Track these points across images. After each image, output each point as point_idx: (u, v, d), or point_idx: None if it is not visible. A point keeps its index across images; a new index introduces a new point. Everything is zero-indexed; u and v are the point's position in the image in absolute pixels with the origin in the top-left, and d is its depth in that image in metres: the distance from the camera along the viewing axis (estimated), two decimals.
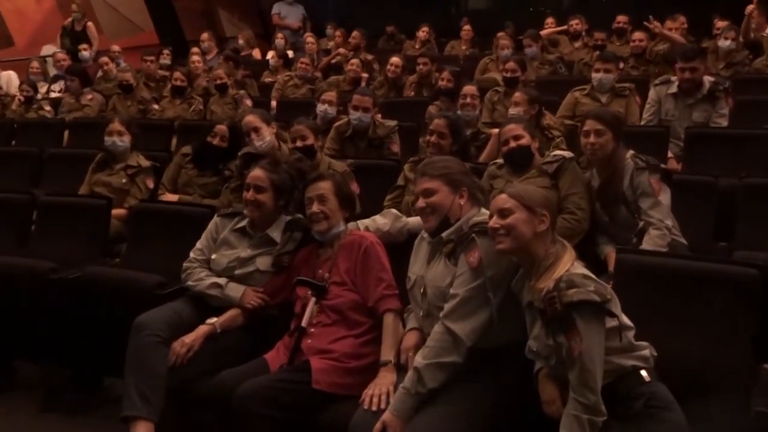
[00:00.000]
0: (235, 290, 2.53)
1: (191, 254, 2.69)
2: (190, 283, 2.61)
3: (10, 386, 3.16)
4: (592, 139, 2.80)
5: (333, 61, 7.29)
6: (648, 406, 1.74)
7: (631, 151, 2.83)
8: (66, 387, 3.07)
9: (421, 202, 2.15)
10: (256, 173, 2.60)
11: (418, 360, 1.96)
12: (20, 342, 3.05)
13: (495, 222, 1.91)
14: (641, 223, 2.72)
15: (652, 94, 4.38)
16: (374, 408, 1.97)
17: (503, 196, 1.94)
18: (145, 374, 2.30)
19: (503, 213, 1.90)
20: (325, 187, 2.45)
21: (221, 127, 3.83)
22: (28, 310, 2.94)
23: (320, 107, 4.49)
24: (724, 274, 2.08)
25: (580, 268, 1.82)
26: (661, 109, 4.25)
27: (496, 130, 4.07)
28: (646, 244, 2.62)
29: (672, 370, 1.87)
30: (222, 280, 2.56)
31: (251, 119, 3.56)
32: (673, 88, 4.19)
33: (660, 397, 1.77)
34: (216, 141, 3.81)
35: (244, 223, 2.67)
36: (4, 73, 7.31)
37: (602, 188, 2.84)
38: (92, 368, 2.98)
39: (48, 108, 6.24)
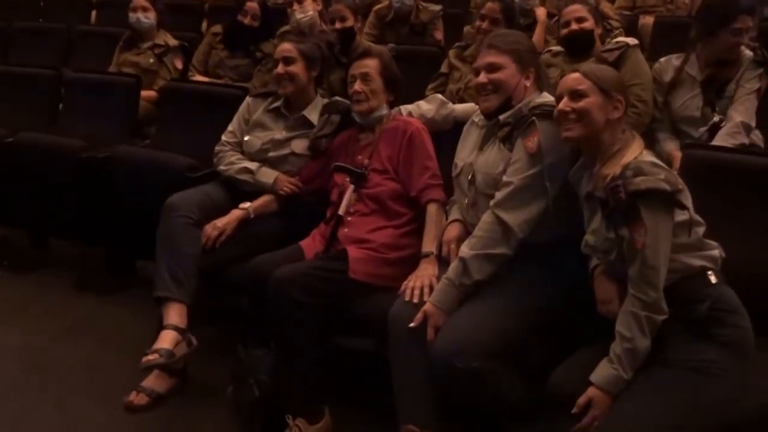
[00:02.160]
0: (267, 176, 2.41)
1: (223, 137, 2.57)
2: (221, 167, 2.50)
3: (44, 263, 3.19)
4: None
5: None
6: (713, 309, 1.60)
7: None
8: (99, 267, 3.06)
9: (483, 77, 1.93)
10: (283, 46, 2.46)
11: (464, 250, 1.84)
12: (53, 220, 3.02)
13: (566, 104, 1.69)
14: (716, 118, 2.48)
15: None
16: (415, 300, 1.87)
17: (576, 75, 1.71)
18: (177, 256, 2.23)
19: (576, 94, 1.68)
20: (370, 65, 2.24)
21: (252, 5, 3.59)
22: (59, 187, 2.89)
23: None
24: None
25: (649, 157, 1.64)
26: None
27: (542, 13, 3.76)
28: (717, 140, 2.40)
29: (740, 274, 1.72)
30: (254, 165, 2.44)
31: None
32: None
33: (726, 300, 1.62)
34: (247, 20, 3.58)
35: (278, 103, 2.52)
36: None
37: (712, 78, 2.54)
38: (124, 249, 2.96)
39: None
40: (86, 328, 2.65)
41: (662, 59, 2.69)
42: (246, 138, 2.51)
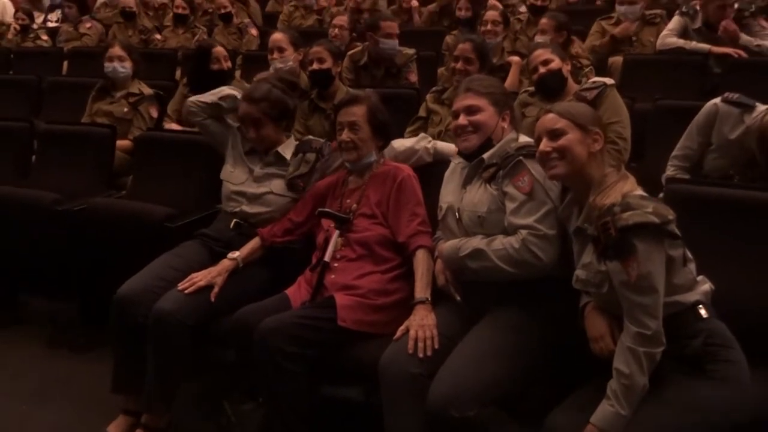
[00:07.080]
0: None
1: None
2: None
3: (17, 321, 3.07)
4: None
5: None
6: (707, 345, 1.59)
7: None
8: (73, 322, 2.95)
9: (462, 120, 1.97)
10: (245, 109, 2.41)
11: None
12: (25, 276, 2.93)
13: (546, 145, 1.71)
14: None
15: (675, 22, 4.07)
16: (420, 354, 1.80)
17: (552, 115, 1.74)
18: (173, 375, 2.15)
19: (555, 134, 1.71)
20: (357, 112, 2.23)
21: (219, 50, 3.47)
22: (32, 243, 2.81)
23: (331, 32, 4.25)
24: None
25: (639, 191, 1.64)
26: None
27: (516, 58, 3.88)
28: None
29: (728, 310, 1.71)
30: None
31: (279, 38, 3.34)
32: (698, 23, 3.91)
33: (719, 334, 1.62)
34: (217, 66, 3.51)
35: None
36: None
37: None
38: (99, 303, 2.86)
39: (45, 37, 6.02)
40: (59, 388, 2.55)
41: (723, 108, 2.36)
42: (231, 170, 2.50)
